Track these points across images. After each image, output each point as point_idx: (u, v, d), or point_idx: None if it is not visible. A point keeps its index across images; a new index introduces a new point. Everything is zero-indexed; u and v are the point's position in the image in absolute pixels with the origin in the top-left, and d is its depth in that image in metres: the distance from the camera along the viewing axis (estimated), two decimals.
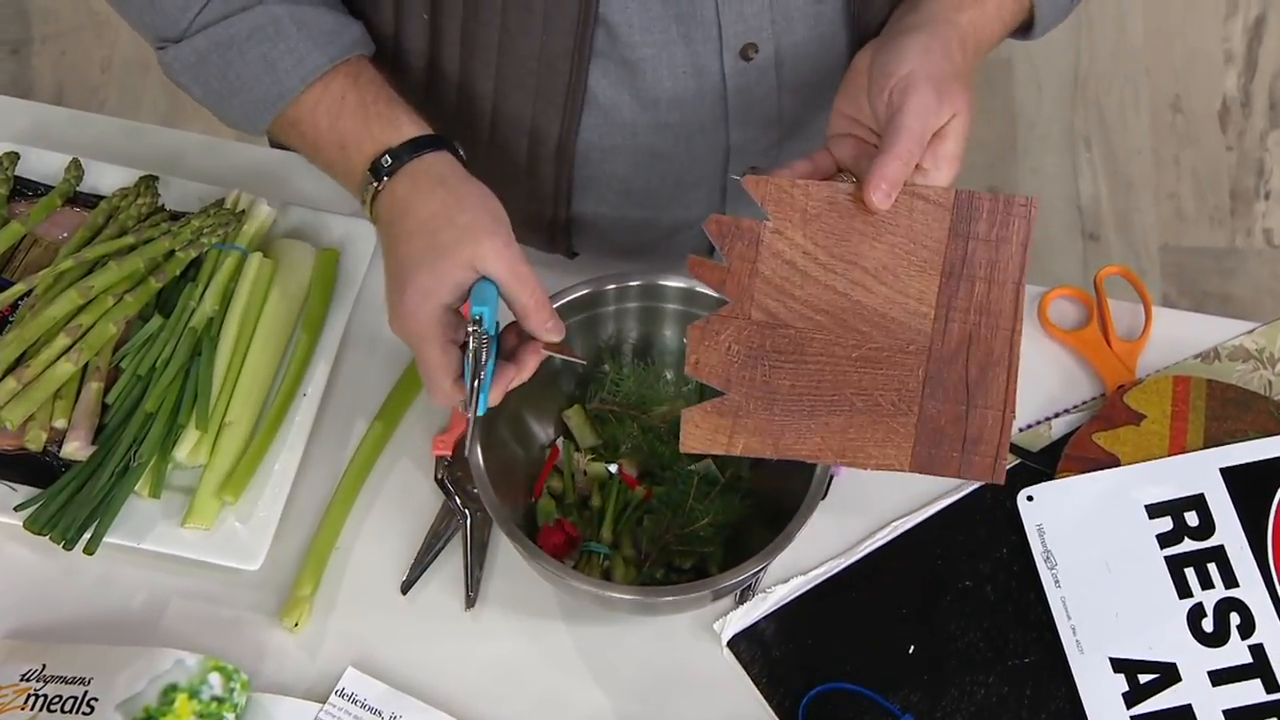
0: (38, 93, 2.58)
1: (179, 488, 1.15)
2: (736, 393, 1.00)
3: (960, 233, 1.02)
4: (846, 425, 1.01)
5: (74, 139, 1.32)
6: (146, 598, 1.13)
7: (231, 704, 1.05)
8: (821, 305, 1.01)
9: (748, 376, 1.01)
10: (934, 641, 1.12)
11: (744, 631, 1.12)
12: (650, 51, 1.08)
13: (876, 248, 1.02)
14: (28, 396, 1.12)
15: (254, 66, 1.05)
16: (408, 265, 0.99)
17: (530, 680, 1.11)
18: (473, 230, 0.97)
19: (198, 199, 1.26)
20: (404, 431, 1.20)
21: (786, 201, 1.02)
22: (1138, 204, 2.58)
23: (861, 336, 1.01)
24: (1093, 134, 2.65)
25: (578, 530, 1.13)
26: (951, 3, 1.05)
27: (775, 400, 1.01)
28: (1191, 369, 1.22)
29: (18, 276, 1.21)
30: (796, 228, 1.02)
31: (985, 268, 1.02)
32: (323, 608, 1.13)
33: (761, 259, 1.01)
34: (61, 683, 1.06)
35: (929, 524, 1.16)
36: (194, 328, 1.17)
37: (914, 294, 1.02)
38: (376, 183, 1.02)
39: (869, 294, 1.02)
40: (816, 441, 1.00)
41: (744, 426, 1.00)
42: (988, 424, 1.01)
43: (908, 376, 1.01)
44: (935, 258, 1.02)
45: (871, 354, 1.01)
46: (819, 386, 1.01)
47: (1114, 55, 2.72)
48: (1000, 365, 1.02)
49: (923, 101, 0.98)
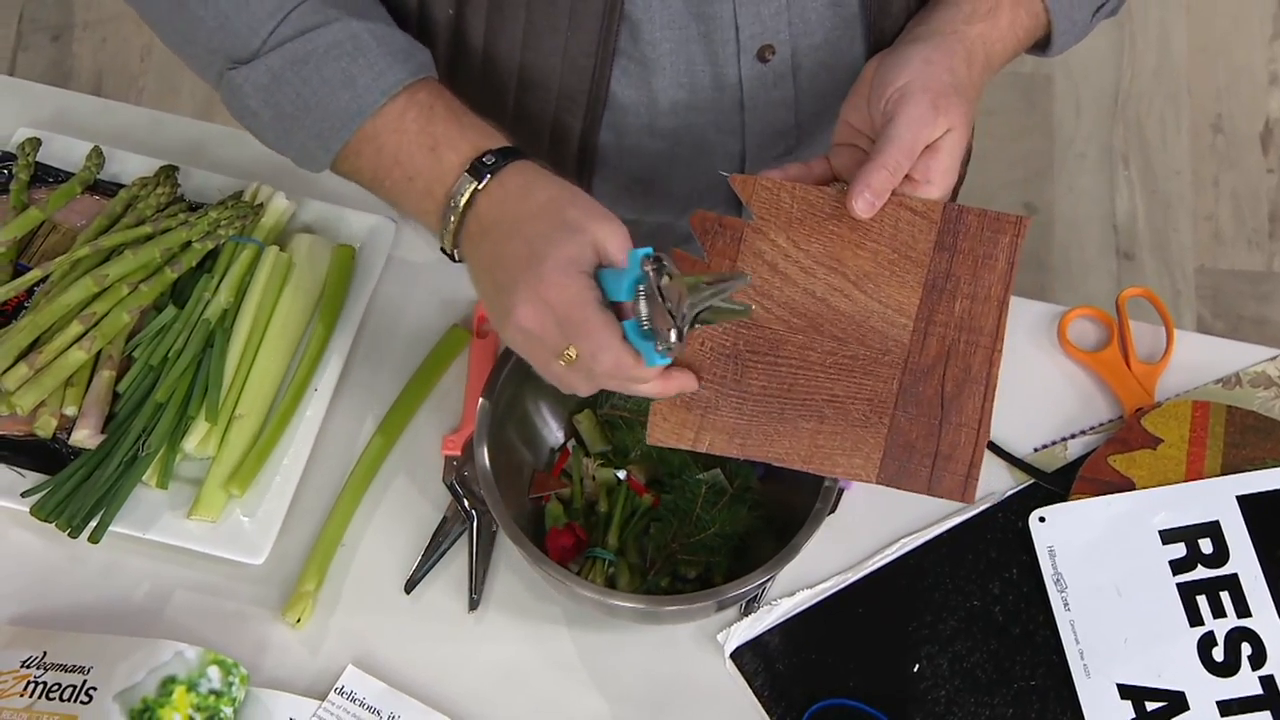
0: (77, 79, 2.60)
1: (187, 479, 1.15)
2: (708, 388, 1.00)
3: (946, 246, 1.01)
4: (816, 431, 1.00)
5: (99, 127, 1.32)
6: (150, 588, 1.13)
7: (230, 698, 1.05)
8: (799, 309, 1.01)
9: (720, 373, 1.00)
10: (940, 661, 1.11)
11: (748, 643, 1.11)
12: (669, 48, 1.07)
13: (859, 255, 1.01)
14: (39, 382, 1.12)
15: (332, 82, 1.00)
16: (540, 241, 0.92)
17: (530, 685, 1.10)
18: (594, 212, 0.93)
19: (217, 190, 1.26)
20: (414, 431, 1.20)
21: (772, 202, 1.02)
22: (1175, 224, 2.56)
23: (837, 343, 1.01)
24: (1131, 153, 2.63)
25: (587, 534, 1.13)
26: (962, 14, 1.04)
27: (746, 400, 1.00)
28: (1212, 394, 1.20)
29: (35, 262, 1.21)
30: (780, 229, 1.01)
31: (969, 283, 1.01)
32: (325, 605, 1.13)
33: (742, 257, 1.01)
34: (62, 670, 1.06)
35: (939, 542, 1.15)
36: (207, 319, 1.17)
37: (894, 304, 1.01)
38: (478, 181, 0.97)
39: (848, 301, 1.01)
40: (784, 445, 1.00)
41: (712, 423, 1.00)
42: (960, 442, 0.99)
43: (881, 387, 1.00)
44: (919, 270, 1.01)
45: (846, 362, 1.00)
46: (791, 390, 1.00)
47: (1156, 74, 2.70)
48: (977, 383, 1.00)
49: (916, 113, 0.97)
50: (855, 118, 1.03)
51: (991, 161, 2.56)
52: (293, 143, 1.03)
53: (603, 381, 0.94)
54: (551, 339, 0.92)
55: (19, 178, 1.24)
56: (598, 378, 0.94)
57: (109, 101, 1.36)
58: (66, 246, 1.21)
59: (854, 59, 1.12)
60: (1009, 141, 2.59)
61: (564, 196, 0.95)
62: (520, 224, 0.94)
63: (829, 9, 1.09)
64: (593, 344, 0.91)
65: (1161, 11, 2.74)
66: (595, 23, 1.05)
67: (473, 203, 0.96)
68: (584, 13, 1.04)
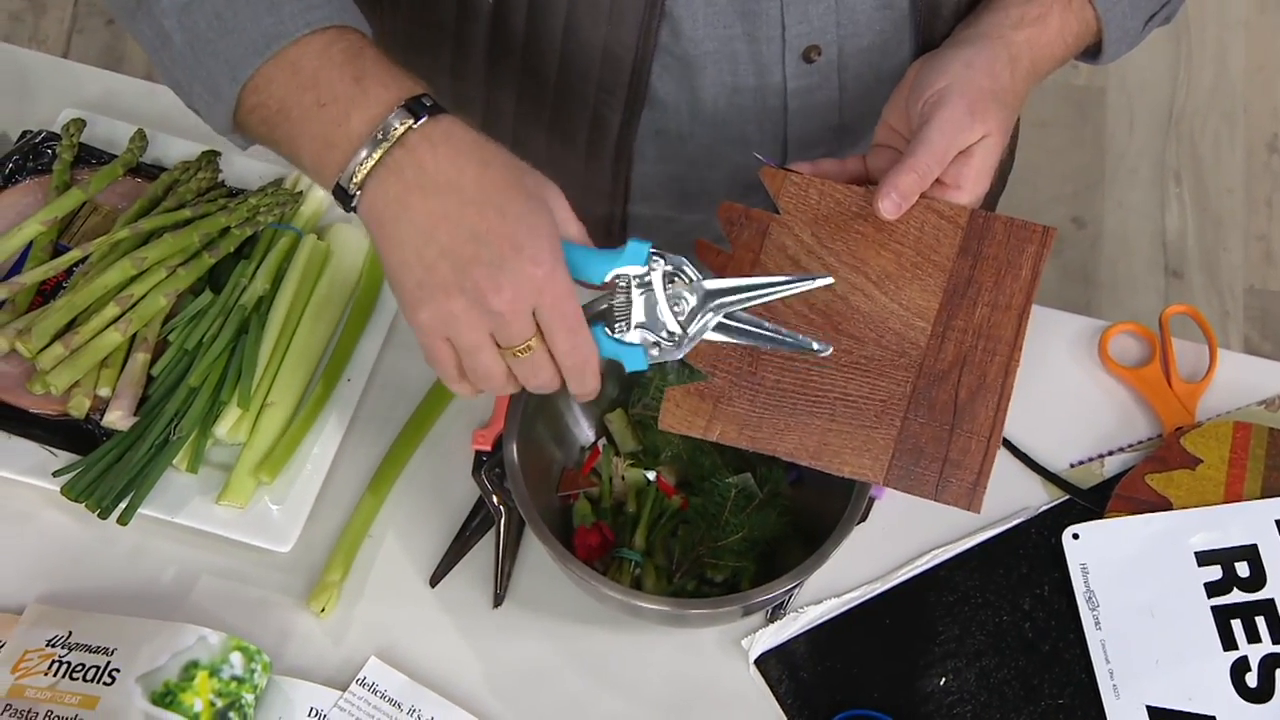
0: (129, 63, 2.61)
1: (217, 464, 1.15)
2: (722, 378, 0.99)
3: (970, 251, 1.01)
4: (826, 428, 0.99)
5: (144, 110, 1.33)
6: (177, 572, 1.13)
7: (251, 684, 1.05)
8: (818, 305, 1.00)
9: (735, 364, 1.00)
10: (966, 675, 1.09)
11: (773, 650, 1.10)
12: (712, 47, 1.07)
13: (882, 255, 1.00)
14: (74, 363, 1.13)
15: (256, 5, 0.91)
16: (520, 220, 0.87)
17: (552, 683, 1.10)
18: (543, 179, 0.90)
19: (258, 177, 1.26)
20: (444, 424, 1.19)
21: (800, 197, 1.01)
22: (1225, 243, 2.53)
23: (854, 342, 1.00)
24: (1184, 169, 2.60)
25: (614, 534, 1.12)
26: (1010, 19, 1.02)
27: (759, 392, 0.99)
28: (1254, 415, 1.18)
29: (75, 242, 1.22)
30: (805, 225, 1.01)
31: (991, 291, 1.01)
32: (350, 595, 1.13)
33: (765, 250, 1.01)
34: (86, 651, 1.06)
35: (969, 555, 1.14)
36: (243, 305, 1.17)
37: (914, 307, 1.00)
38: (414, 119, 0.87)
39: (868, 301, 1.00)
40: (793, 440, 0.98)
41: (724, 413, 0.99)
42: (970, 450, 0.98)
43: (895, 388, 0.99)
44: (941, 274, 1.00)
45: (861, 361, 1.00)
46: (804, 386, 0.99)
47: (1212, 90, 2.67)
48: (991, 392, 0.99)
49: (951, 116, 0.96)
50: (895, 119, 1.02)
51: (1042, 174, 2.54)
52: (200, 73, 0.93)
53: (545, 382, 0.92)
54: (519, 327, 0.88)
55: (62, 158, 1.24)
56: (543, 374, 0.91)
57: (154, 85, 1.36)
58: (107, 228, 1.22)
59: (901, 62, 1.11)
60: (1060, 154, 2.57)
61: (517, 164, 0.89)
62: (486, 192, 0.87)
63: (878, 11, 1.08)
64: (575, 340, 0.90)
65: (1219, 29, 2.71)
66: (636, 17, 1.04)
67: (405, 142, 0.87)
68: (625, 7, 1.04)
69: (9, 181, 1.25)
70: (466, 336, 0.89)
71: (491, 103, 1.18)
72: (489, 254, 0.86)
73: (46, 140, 1.27)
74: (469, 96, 1.18)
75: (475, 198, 0.86)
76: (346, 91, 0.88)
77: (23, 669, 1.05)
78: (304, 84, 0.90)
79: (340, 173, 0.88)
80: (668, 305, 0.93)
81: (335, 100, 0.89)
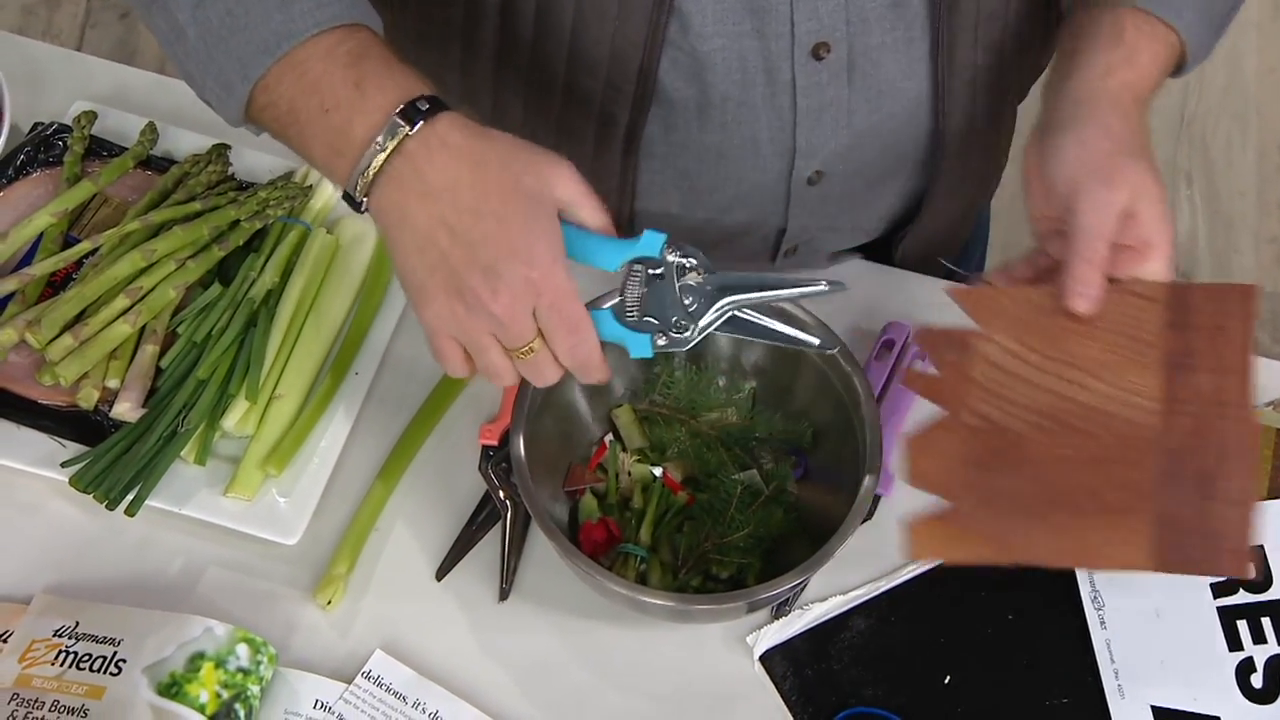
0: (142, 58, 2.62)
1: (224, 457, 1.16)
2: (961, 501, 0.98)
3: (1177, 324, 0.98)
4: (1077, 526, 0.97)
5: (155, 103, 1.33)
6: (184, 564, 1.14)
7: (257, 676, 1.05)
8: (1039, 407, 0.99)
9: (970, 483, 0.98)
10: (971, 674, 1.09)
11: (777, 647, 1.11)
12: (721, 43, 1.06)
13: (1090, 346, 0.99)
14: (83, 354, 1.13)
15: (267, 2, 0.92)
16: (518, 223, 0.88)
17: (557, 678, 1.10)
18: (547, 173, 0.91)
19: (268, 171, 1.27)
20: (452, 418, 1.20)
21: (994, 308, 1.01)
22: (1236, 245, 2.53)
23: (1083, 435, 0.98)
24: (1195, 171, 2.60)
25: (620, 530, 1.12)
26: (1098, 70, 1.02)
27: (999, 504, 0.98)
28: (1265, 416, 1.18)
29: (86, 234, 1.22)
30: (1006, 333, 1.00)
31: (1209, 357, 0.98)
32: (356, 588, 1.13)
33: (974, 365, 1.00)
34: (93, 641, 1.06)
35: None
36: (252, 298, 1.17)
37: (1135, 389, 0.98)
38: (409, 126, 0.89)
39: (1087, 392, 0.98)
40: (1048, 544, 0.97)
41: (971, 533, 0.98)
42: (1229, 517, 0.95)
43: (1138, 473, 0.96)
44: (1153, 351, 0.98)
45: (1096, 452, 0.97)
46: (1046, 489, 0.97)
47: (1224, 93, 2.67)
48: (1236, 457, 0.96)
49: (1091, 198, 0.96)
50: (1042, 210, 1.01)
51: None
52: (212, 68, 0.94)
53: (551, 380, 0.93)
54: (519, 329, 0.89)
55: (73, 150, 1.25)
56: (548, 373, 0.93)
57: (165, 78, 1.36)
58: (117, 220, 1.22)
59: (913, 60, 1.11)
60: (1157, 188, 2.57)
61: (515, 160, 0.90)
62: (483, 198, 0.88)
63: (889, 9, 1.08)
64: (575, 339, 0.91)
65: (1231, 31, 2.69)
66: (644, 13, 1.04)
67: (402, 149, 0.89)
68: (633, 2, 1.04)
69: (20, 173, 1.25)
70: (470, 337, 0.91)
71: (499, 99, 1.18)
72: (486, 259, 0.87)
73: (58, 132, 1.27)
74: (478, 93, 1.19)
75: (471, 204, 0.88)
76: (348, 97, 0.90)
77: (30, 659, 1.06)
78: (310, 87, 0.91)
79: (348, 179, 0.90)
80: (679, 296, 0.94)
81: (338, 106, 0.90)
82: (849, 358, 1.07)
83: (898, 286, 1.26)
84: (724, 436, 1.15)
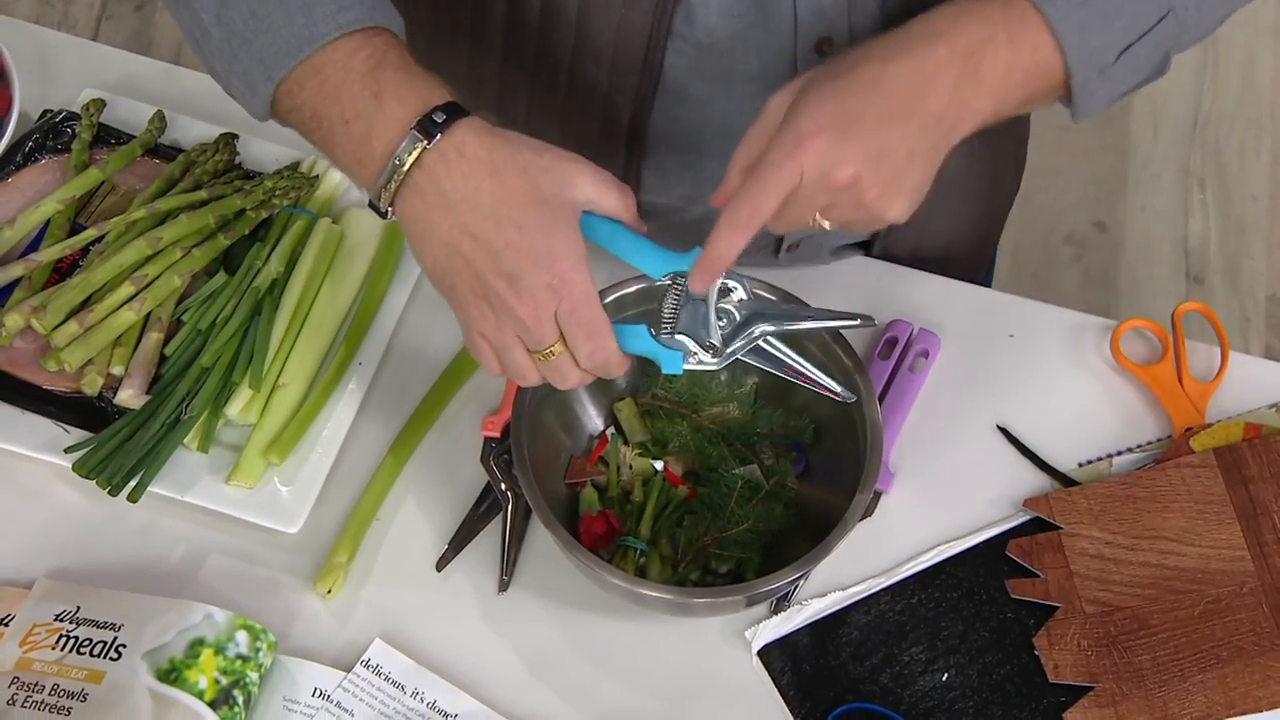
0: (157, 49, 2.63)
1: (227, 444, 1.16)
2: (1105, 682, 1.06)
3: (1235, 480, 1.12)
4: (1222, 676, 1.06)
5: (164, 92, 1.33)
6: (185, 551, 1.14)
7: (256, 663, 1.06)
8: (1145, 581, 1.09)
9: (1108, 664, 1.07)
10: (970, 671, 1.09)
11: (776, 642, 1.10)
12: (725, 35, 1.06)
13: (1169, 518, 1.11)
14: (88, 341, 1.13)
15: (289, 5, 0.94)
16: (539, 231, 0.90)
17: (555, 669, 1.10)
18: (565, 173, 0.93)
19: (274, 161, 1.27)
20: (455, 409, 1.20)
21: (1070, 507, 1.12)
22: (1248, 250, 2.52)
23: (1196, 595, 1.09)
24: (1208, 176, 2.59)
25: (620, 523, 1.12)
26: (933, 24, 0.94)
27: (1144, 676, 1.06)
28: (1266, 418, 1.18)
29: (92, 222, 1.22)
30: (1089, 526, 1.11)
31: (1275, 501, 1.12)
32: (357, 577, 1.13)
33: (1072, 560, 1.10)
34: (93, 626, 1.07)
35: (976, 551, 1.13)
36: (257, 287, 1.18)
37: (1223, 544, 1.10)
38: (427, 140, 0.90)
39: (1182, 557, 1.10)
40: (1201, 701, 1.05)
41: (1128, 711, 1.05)
42: None
43: (1256, 615, 1.08)
44: (1225, 508, 1.11)
45: (1211, 607, 1.08)
46: (1178, 650, 1.07)
47: (1239, 97, 2.66)
48: None
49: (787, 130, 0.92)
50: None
51: (1065, 177, 2.54)
52: (237, 68, 0.97)
53: (574, 383, 0.97)
54: (541, 333, 0.93)
55: (81, 137, 1.25)
56: (570, 377, 0.96)
57: (175, 68, 1.37)
58: (124, 208, 1.22)
59: None
60: (1084, 158, 2.56)
61: (532, 165, 0.92)
62: (503, 207, 0.90)
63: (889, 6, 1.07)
64: (594, 344, 0.94)
65: (1247, 36, 2.70)
66: (650, 2, 1.04)
67: (421, 163, 0.91)
68: None
69: (28, 160, 1.26)
70: (496, 338, 0.94)
71: (505, 87, 1.18)
72: (508, 266, 0.90)
73: (66, 120, 1.28)
74: (483, 84, 1.19)
75: (492, 212, 0.90)
76: (366, 109, 0.92)
77: (30, 643, 1.06)
78: (330, 97, 0.93)
79: (372, 189, 0.93)
80: (715, 318, 0.96)
81: (358, 117, 0.92)
82: (850, 354, 1.07)
83: (901, 284, 1.26)
84: (725, 431, 1.15)
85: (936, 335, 1.21)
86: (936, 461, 1.17)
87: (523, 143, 0.93)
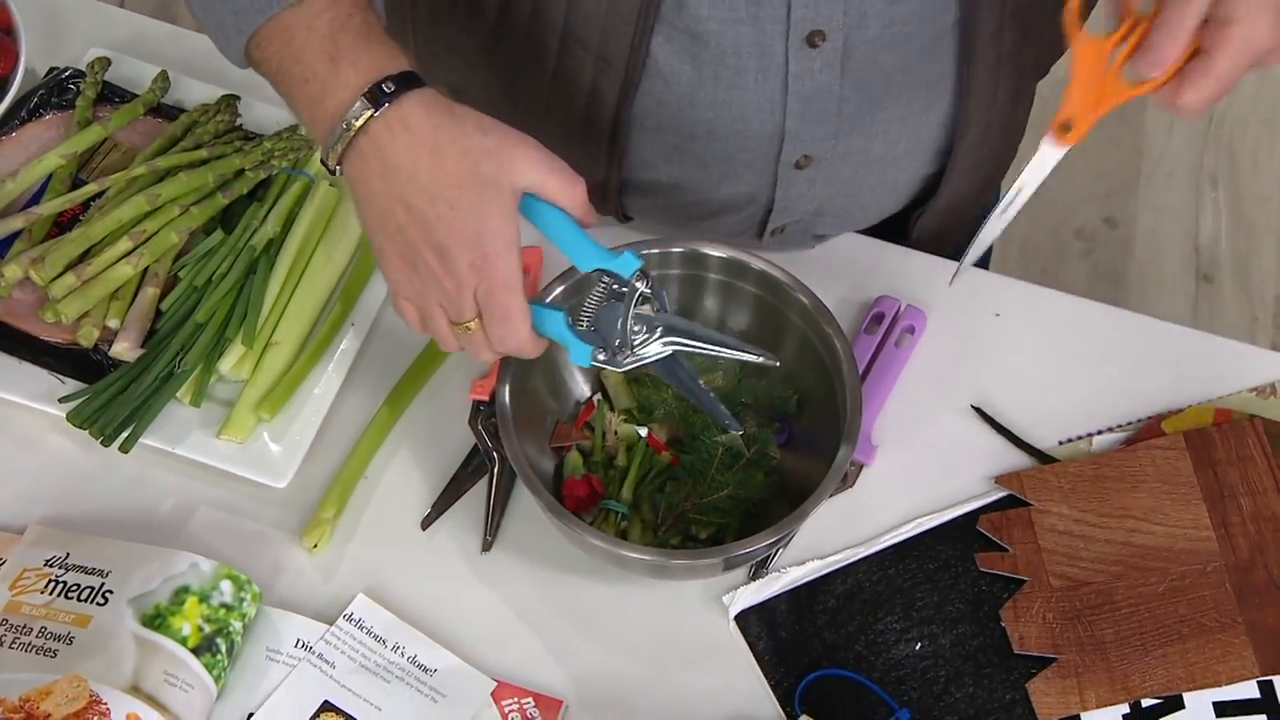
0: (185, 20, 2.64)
1: (219, 400, 1.17)
2: (1068, 654, 1.08)
3: (1204, 463, 1.14)
4: (1183, 652, 1.08)
5: (169, 53, 1.35)
6: (175, 503, 1.16)
7: (240, 613, 1.07)
8: (1111, 558, 1.11)
9: (1072, 636, 1.09)
10: (943, 641, 1.10)
11: (753, 607, 1.12)
12: (715, 26, 1.06)
13: (1137, 497, 1.13)
14: (85, 293, 1.15)
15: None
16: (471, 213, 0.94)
17: (535, 628, 1.11)
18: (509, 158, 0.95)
19: (275, 124, 1.28)
20: (444, 372, 1.21)
21: (1040, 485, 1.14)
22: (1258, 250, 2.52)
23: (1160, 573, 1.10)
24: (1221, 175, 2.59)
25: (603, 487, 1.14)
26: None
27: (1106, 649, 1.08)
28: (1244, 402, 1.18)
29: (93, 177, 1.24)
30: (1059, 503, 1.13)
31: (1241, 484, 1.13)
32: (343, 533, 1.15)
33: (1040, 536, 1.12)
34: (82, 572, 1.09)
35: (954, 525, 1.14)
36: (253, 246, 1.19)
37: (1189, 524, 1.12)
38: (374, 108, 0.93)
39: (1149, 535, 1.12)
40: (1162, 674, 1.07)
41: (1089, 681, 1.07)
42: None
43: (1218, 593, 1.09)
44: (1193, 489, 1.13)
45: (1176, 584, 1.10)
46: (1141, 625, 1.09)
47: (1254, 97, 2.66)
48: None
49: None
50: None
51: (1076, 171, 2.54)
52: (211, 17, 1.00)
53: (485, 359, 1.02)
54: (461, 306, 0.97)
55: (85, 94, 1.27)
56: (483, 353, 1.01)
57: (181, 29, 1.39)
58: (125, 165, 1.24)
59: (907, 55, 1.11)
60: (1096, 153, 2.56)
61: (476, 146, 0.94)
62: (438, 185, 0.94)
63: (886, 5, 1.07)
64: (505, 330, 0.98)
65: None
66: None
67: (368, 129, 0.94)
68: None
69: (33, 115, 1.28)
70: (422, 303, 0.99)
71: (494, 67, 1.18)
72: (438, 237, 0.94)
73: (72, 77, 1.30)
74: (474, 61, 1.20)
75: (428, 187, 0.94)
76: (322, 71, 0.95)
77: (20, 586, 1.08)
78: (294, 56, 0.97)
79: (323, 148, 0.97)
80: (629, 323, 1.00)
81: (314, 78, 0.96)
82: (830, 321, 1.08)
83: (889, 260, 1.27)
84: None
85: (923, 312, 1.22)
86: (918, 436, 1.18)
87: (470, 120, 0.95)
